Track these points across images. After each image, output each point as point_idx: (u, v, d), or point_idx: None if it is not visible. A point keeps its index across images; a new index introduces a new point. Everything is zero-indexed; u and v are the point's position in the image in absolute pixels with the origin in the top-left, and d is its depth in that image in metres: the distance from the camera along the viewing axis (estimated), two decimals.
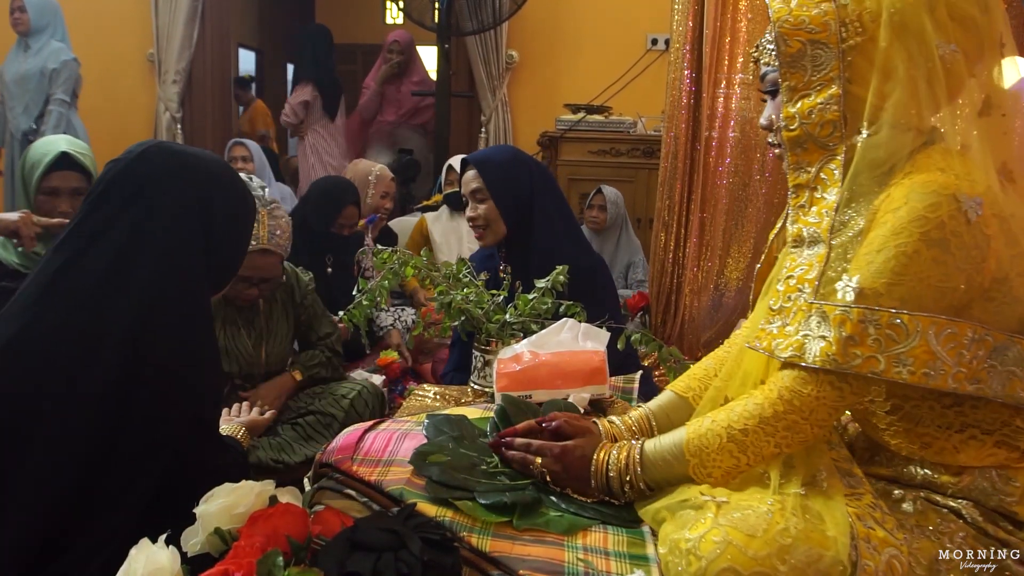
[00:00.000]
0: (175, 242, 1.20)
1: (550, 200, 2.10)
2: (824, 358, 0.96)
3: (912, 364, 0.94)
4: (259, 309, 2.13)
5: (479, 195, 2.05)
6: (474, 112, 4.90)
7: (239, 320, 2.09)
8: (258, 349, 2.11)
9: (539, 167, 2.20)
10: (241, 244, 1.38)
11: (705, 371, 1.31)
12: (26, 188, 2.09)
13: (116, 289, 1.14)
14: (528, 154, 2.29)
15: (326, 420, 2.08)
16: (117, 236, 1.17)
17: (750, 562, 0.89)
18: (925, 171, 0.98)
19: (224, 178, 1.31)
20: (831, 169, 1.04)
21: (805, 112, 1.05)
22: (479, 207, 2.05)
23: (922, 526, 1.01)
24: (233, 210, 1.31)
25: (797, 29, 1.04)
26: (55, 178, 2.06)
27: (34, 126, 3.85)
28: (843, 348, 0.95)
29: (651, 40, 4.49)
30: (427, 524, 1.01)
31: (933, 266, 0.94)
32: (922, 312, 0.94)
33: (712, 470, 1.05)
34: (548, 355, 1.54)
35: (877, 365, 0.94)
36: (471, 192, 2.07)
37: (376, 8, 8.21)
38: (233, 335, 2.09)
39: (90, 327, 1.12)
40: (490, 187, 2.03)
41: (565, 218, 2.14)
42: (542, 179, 2.13)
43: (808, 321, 0.99)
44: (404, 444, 1.27)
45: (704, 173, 3.21)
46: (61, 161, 2.07)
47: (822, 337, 0.97)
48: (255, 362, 2.10)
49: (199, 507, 1.04)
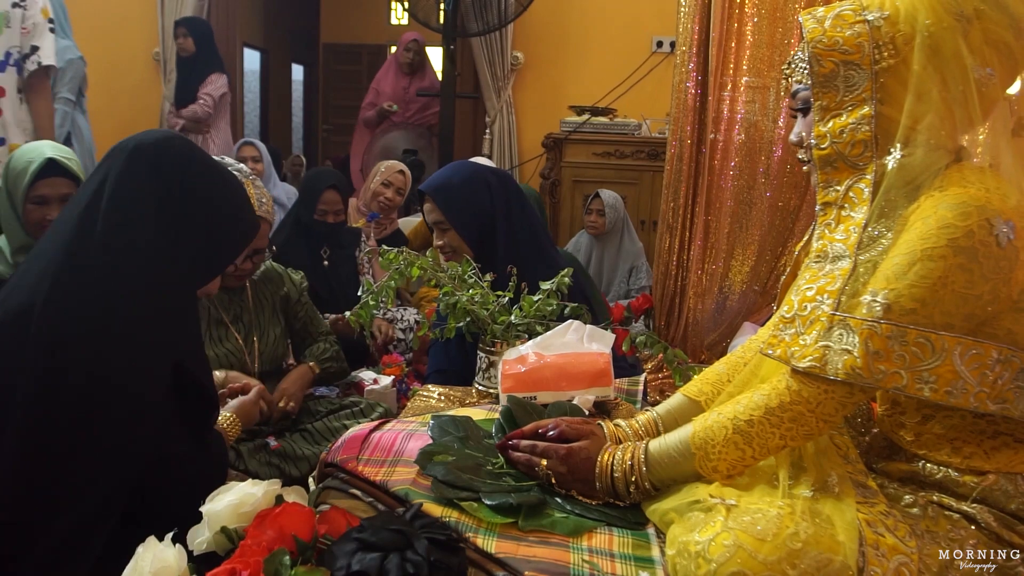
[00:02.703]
0: (124, 233, 1.18)
1: (514, 208, 2.05)
2: (849, 372, 0.96)
3: (935, 382, 0.94)
4: (247, 308, 2.12)
5: (442, 225, 2.00)
6: (479, 113, 4.91)
7: (227, 319, 2.08)
8: (249, 346, 2.10)
9: (498, 179, 2.12)
10: (226, 229, 1.33)
11: (718, 376, 1.30)
12: (12, 198, 2.00)
13: (52, 275, 1.15)
14: (485, 165, 2.21)
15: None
16: (72, 224, 1.18)
17: (760, 566, 0.89)
18: (955, 184, 0.99)
19: (195, 166, 1.28)
20: (860, 188, 1.05)
21: (836, 131, 1.06)
22: (444, 235, 2.01)
23: (933, 532, 1.00)
24: (207, 194, 1.27)
25: (831, 50, 1.05)
26: (43, 186, 1.97)
27: None
28: (869, 363, 0.94)
29: (656, 42, 4.49)
30: (433, 524, 1.01)
31: (959, 272, 0.94)
32: (949, 330, 0.94)
33: (717, 463, 1.05)
34: (553, 357, 1.54)
35: (900, 380, 0.94)
36: (434, 222, 2.02)
37: (381, 9, 8.22)
38: (222, 336, 2.07)
39: (21, 315, 1.13)
40: (449, 217, 1.98)
41: (528, 227, 2.07)
42: (502, 192, 2.06)
43: (829, 332, 0.98)
44: (409, 444, 1.27)
45: (709, 176, 3.22)
46: (48, 168, 1.98)
47: (846, 350, 0.96)
48: (246, 360, 2.09)
49: (205, 506, 1.04)
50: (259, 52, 7.93)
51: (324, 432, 2.05)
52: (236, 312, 2.10)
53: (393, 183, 3.43)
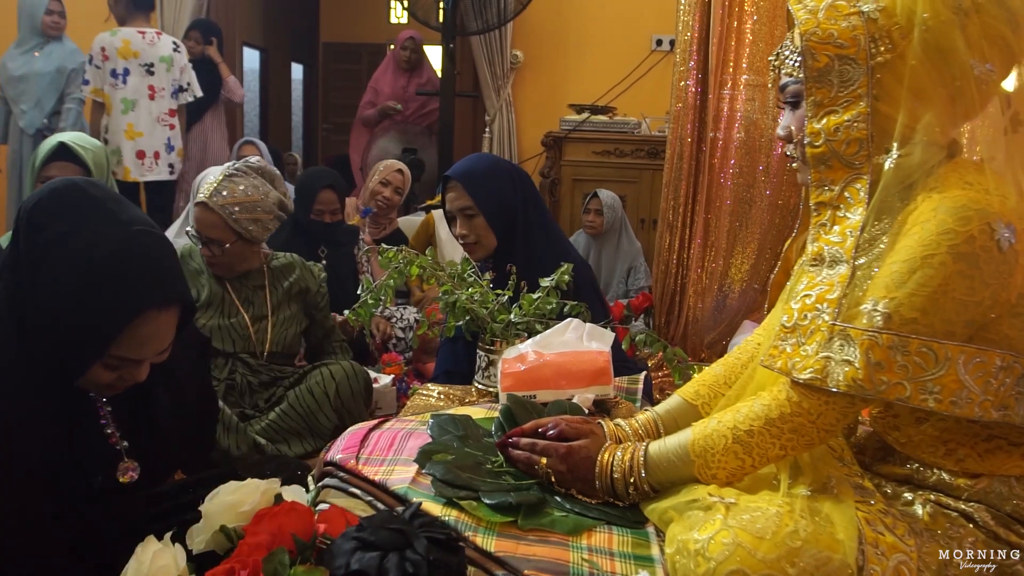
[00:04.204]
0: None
1: (532, 205, 2.04)
2: (850, 383, 0.94)
3: (940, 392, 0.92)
4: (262, 291, 2.21)
5: (468, 211, 1.96)
6: (478, 112, 4.90)
7: (237, 300, 2.16)
8: (257, 326, 2.16)
9: (519, 172, 2.13)
10: (104, 297, 1.07)
11: (715, 378, 1.29)
12: (32, 179, 2.16)
13: None
14: (504, 159, 2.23)
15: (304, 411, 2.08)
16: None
17: (759, 564, 0.89)
18: (954, 186, 0.97)
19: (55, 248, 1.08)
20: (856, 188, 1.02)
21: (831, 129, 1.03)
22: (468, 223, 1.97)
23: (932, 530, 1.00)
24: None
25: (825, 44, 1.02)
26: (53, 168, 2.11)
27: (46, 122, 3.91)
28: (870, 374, 0.93)
29: (656, 41, 4.48)
30: (432, 523, 1.01)
31: (959, 279, 0.93)
32: (951, 338, 0.93)
33: (717, 471, 1.05)
34: (553, 355, 1.54)
35: (903, 392, 0.93)
36: (459, 209, 1.98)
37: (381, 8, 8.21)
38: (232, 314, 2.15)
39: None
40: (478, 202, 1.95)
41: (544, 220, 2.08)
42: (523, 184, 2.06)
43: (830, 343, 0.97)
44: (409, 443, 1.27)
45: (709, 174, 3.21)
46: (59, 152, 2.13)
47: (846, 361, 0.95)
48: (251, 338, 2.15)
49: (204, 505, 1.04)
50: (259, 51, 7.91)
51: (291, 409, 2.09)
52: (247, 294, 2.19)
53: (391, 182, 3.43)
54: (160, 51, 3.79)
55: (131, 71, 3.73)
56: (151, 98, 3.77)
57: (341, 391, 2.08)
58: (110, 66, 3.71)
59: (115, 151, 3.73)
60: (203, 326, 2.11)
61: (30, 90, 3.90)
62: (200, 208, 2.06)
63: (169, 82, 3.83)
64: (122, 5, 3.82)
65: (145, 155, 3.79)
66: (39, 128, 3.89)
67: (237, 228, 2.06)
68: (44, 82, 3.89)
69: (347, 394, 2.09)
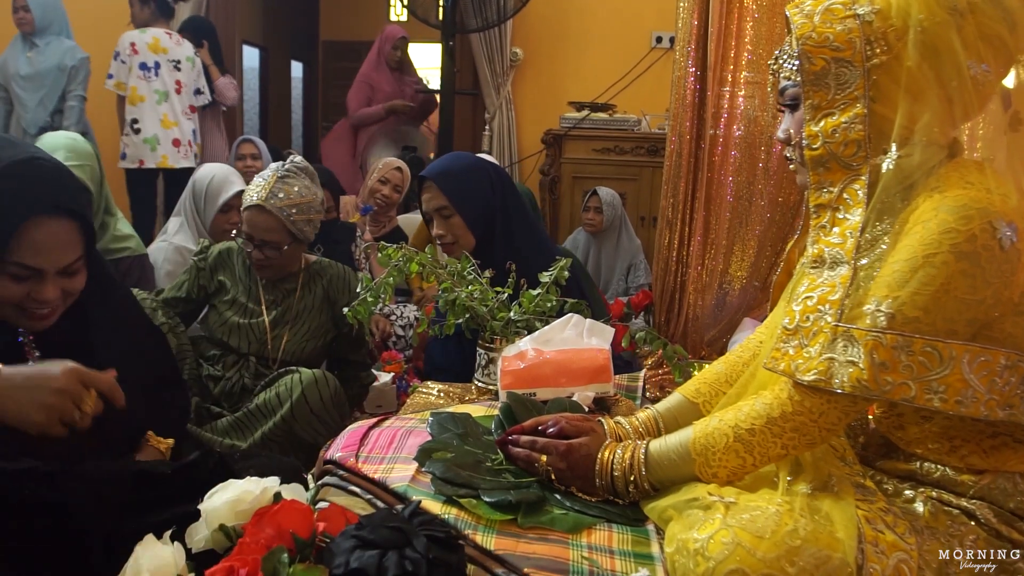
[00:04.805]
0: None
1: (511, 202, 2.03)
2: (855, 384, 0.94)
3: (945, 392, 0.92)
4: (293, 295, 2.15)
5: (445, 211, 1.95)
6: (478, 109, 4.90)
7: (264, 299, 2.11)
8: (276, 331, 2.11)
9: (496, 169, 2.12)
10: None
11: (716, 376, 1.29)
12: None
13: None
14: (482, 157, 2.20)
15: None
16: None
17: (759, 564, 0.89)
18: (955, 186, 0.97)
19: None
20: (855, 189, 1.03)
21: (829, 131, 1.03)
22: (445, 223, 1.96)
23: (932, 528, 1.00)
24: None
25: (821, 47, 1.03)
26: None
27: (49, 120, 3.91)
28: (875, 375, 0.93)
29: (656, 38, 4.48)
30: (432, 522, 1.01)
31: (961, 278, 0.93)
32: (953, 337, 0.93)
33: (717, 470, 1.05)
34: (553, 353, 1.53)
35: (908, 392, 0.93)
36: (435, 209, 1.97)
37: (380, 6, 8.20)
38: (251, 312, 2.10)
39: None
40: (454, 202, 1.94)
41: (524, 217, 2.07)
42: (500, 182, 2.05)
43: (833, 344, 0.97)
44: (408, 441, 1.27)
45: (709, 171, 3.21)
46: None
47: (851, 362, 0.94)
48: (267, 343, 2.10)
49: (204, 503, 1.04)
50: (258, 49, 7.91)
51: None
52: (276, 297, 2.14)
53: (390, 180, 3.42)
54: (185, 51, 4.01)
55: (161, 65, 3.92)
56: (178, 92, 3.98)
57: (309, 397, 1.92)
58: (139, 60, 3.88)
59: (150, 139, 3.91)
60: (226, 321, 2.10)
61: (33, 88, 3.89)
62: (255, 211, 2.01)
63: (190, 80, 4.03)
64: (147, 11, 4.00)
65: (180, 143, 4.00)
66: (42, 126, 3.88)
67: (293, 230, 2.04)
68: (47, 79, 3.88)
69: (315, 400, 1.93)
